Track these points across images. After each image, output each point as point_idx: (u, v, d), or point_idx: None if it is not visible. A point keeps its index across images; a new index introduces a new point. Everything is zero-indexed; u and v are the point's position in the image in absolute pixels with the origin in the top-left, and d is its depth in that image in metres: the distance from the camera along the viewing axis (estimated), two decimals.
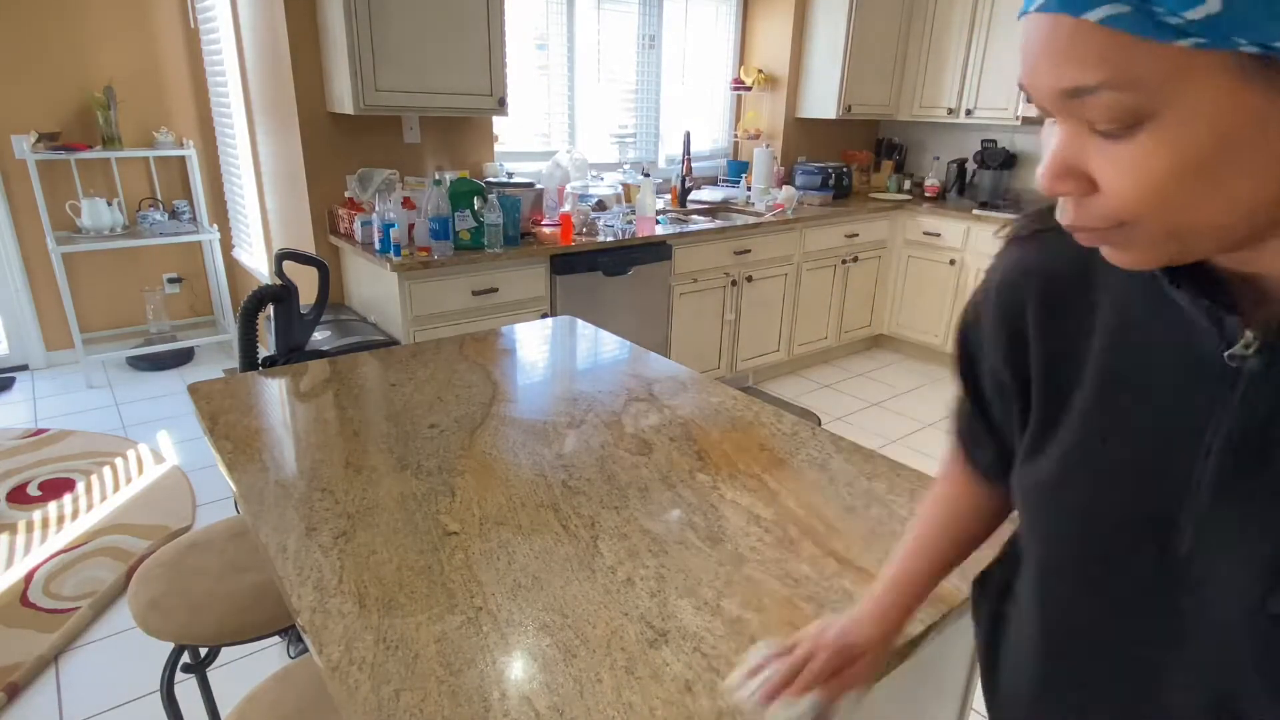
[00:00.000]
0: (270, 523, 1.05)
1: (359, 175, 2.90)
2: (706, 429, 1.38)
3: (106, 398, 3.61)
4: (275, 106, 3.04)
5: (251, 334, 1.98)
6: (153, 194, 4.02)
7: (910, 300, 4.39)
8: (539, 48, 3.61)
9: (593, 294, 3.11)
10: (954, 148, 4.65)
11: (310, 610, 0.87)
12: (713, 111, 4.50)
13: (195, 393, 1.49)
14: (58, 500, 2.66)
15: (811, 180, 4.23)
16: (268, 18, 2.89)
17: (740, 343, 3.79)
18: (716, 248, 3.48)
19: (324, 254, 3.04)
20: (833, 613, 0.89)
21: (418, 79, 2.72)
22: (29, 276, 3.78)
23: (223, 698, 1.85)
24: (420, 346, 1.79)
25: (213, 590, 1.28)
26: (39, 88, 3.58)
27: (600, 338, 1.91)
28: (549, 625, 0.86)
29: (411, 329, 2.68)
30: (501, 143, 3.49)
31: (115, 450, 3.06)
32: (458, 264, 2.69)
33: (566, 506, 1.11)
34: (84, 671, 1.94)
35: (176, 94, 3.95)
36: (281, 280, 2.04)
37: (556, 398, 1.51)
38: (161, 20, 3.82)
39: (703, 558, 1.00)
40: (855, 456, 1.30)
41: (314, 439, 1.30)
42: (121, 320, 4.11)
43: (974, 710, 1.19)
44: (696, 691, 0.77)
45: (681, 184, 3.98)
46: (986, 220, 3.95)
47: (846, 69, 4.12)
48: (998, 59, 4.01)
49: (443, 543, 1.01)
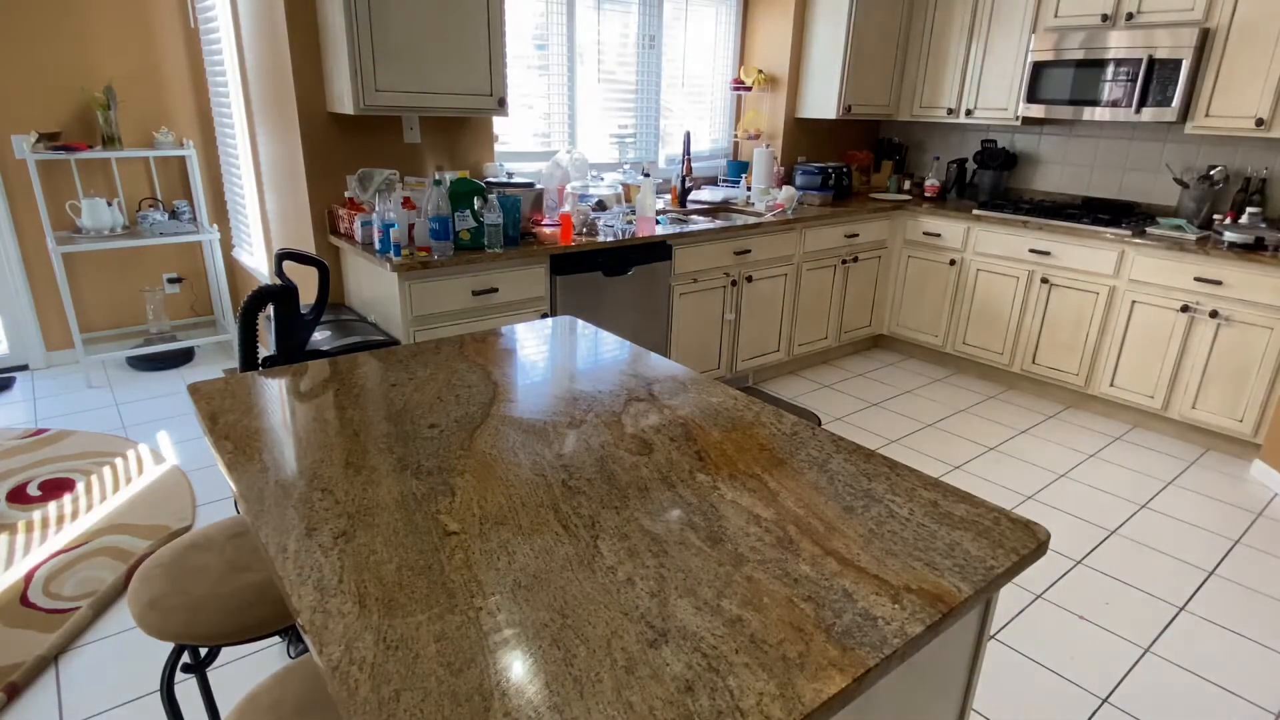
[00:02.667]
0: (270, 523, 1.05)
1: (359, 175, 2.90)
2: (706, 429, 1.38)
3: (106, 398, 3.61)
4: (275, 106, 3.04)
5: (251, 334, 1.98)
6: (153, 194, 4.02)
7: (910, 300, 4.39)
8: (538, 47, 3.61)
9: (593, 294, 3.11)
10: (954, 148, 4.65)
11: (310, 610, 0.87)
12: (713, 111, 4.50)
13: (195, 393, 1.48)
14: (58, 500, 2.66)
15: (811, 180, 4.23)
16: (268, 18, 2.88)
17: (740, 343, 3.79)
18: (716, 248, 3.48)
19: (324, 254, 3.04)
20: (831, 613, 0.89)
21: (418, 79, 2.72)
22: (29, 276, 3.78)
23: (223, 698, 1.85)
24: (420, 346, 1.79)
25: (213, 590, 1.28)
26: (39, 88, 3.58)
27: (600, 338, 1.91)
28: (549, 625, 0.86)
29: (411, 329, 2.68)
30: (501, 143, 3.49)
31: (115, 450, 3.06)
32: (458, 264, 2.69)
33: (566, 506, 1.11)
34: (84, 671, 1.94)
35: (176, 94, 3.95)
36: (281, 280, 2.04)
37: (556, 398, 1.51)
38: (161, 20, 3.82)
39: (703, 558, 0.99)
40: (855, 456, 1.30)
41: (314, 439, 1.30)
42: (121, 320, 4.11)
43: (974, 710, 1.19)
44: (696, 691, 0.77)
45: (681, 184, 3.98)
46: (986, 220, 3.95)
47: (846, 69, 4.12)
48: (998, 59, 4.02)
49: (443, 543, 1.01)
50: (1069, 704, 1.96)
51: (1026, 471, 3.20)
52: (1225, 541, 2.74)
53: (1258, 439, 3.25)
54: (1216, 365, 3.30)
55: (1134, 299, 3.50)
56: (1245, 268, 3.14)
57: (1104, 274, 3.58)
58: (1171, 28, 3.36)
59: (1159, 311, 3.43)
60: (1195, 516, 2.90)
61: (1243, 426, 3.27)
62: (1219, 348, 3.28)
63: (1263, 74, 3.18)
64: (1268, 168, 3.50)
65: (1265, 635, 2.25)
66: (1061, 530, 2.77)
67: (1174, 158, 3.79)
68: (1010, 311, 3.96)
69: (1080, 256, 3.64)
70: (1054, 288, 3.77)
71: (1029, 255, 3.82)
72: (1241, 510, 2.96)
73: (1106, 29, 3.58)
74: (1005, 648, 2.15)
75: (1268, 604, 2.40)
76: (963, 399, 3.95)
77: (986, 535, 1.07)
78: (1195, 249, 3.26)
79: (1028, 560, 1.03)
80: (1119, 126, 3.95)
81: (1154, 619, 2.31)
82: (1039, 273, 3.81)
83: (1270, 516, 2.92)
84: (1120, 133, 3.95)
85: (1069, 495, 3.02)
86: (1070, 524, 2.81)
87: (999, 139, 4.41)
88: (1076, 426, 3.68)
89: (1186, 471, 3.27)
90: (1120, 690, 2.01)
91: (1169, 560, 2.61)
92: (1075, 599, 2.38)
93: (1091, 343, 3.69)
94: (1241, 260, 3.15)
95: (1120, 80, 3.54)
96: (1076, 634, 2.22)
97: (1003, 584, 0.99)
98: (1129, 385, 3.60)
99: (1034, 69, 3.81)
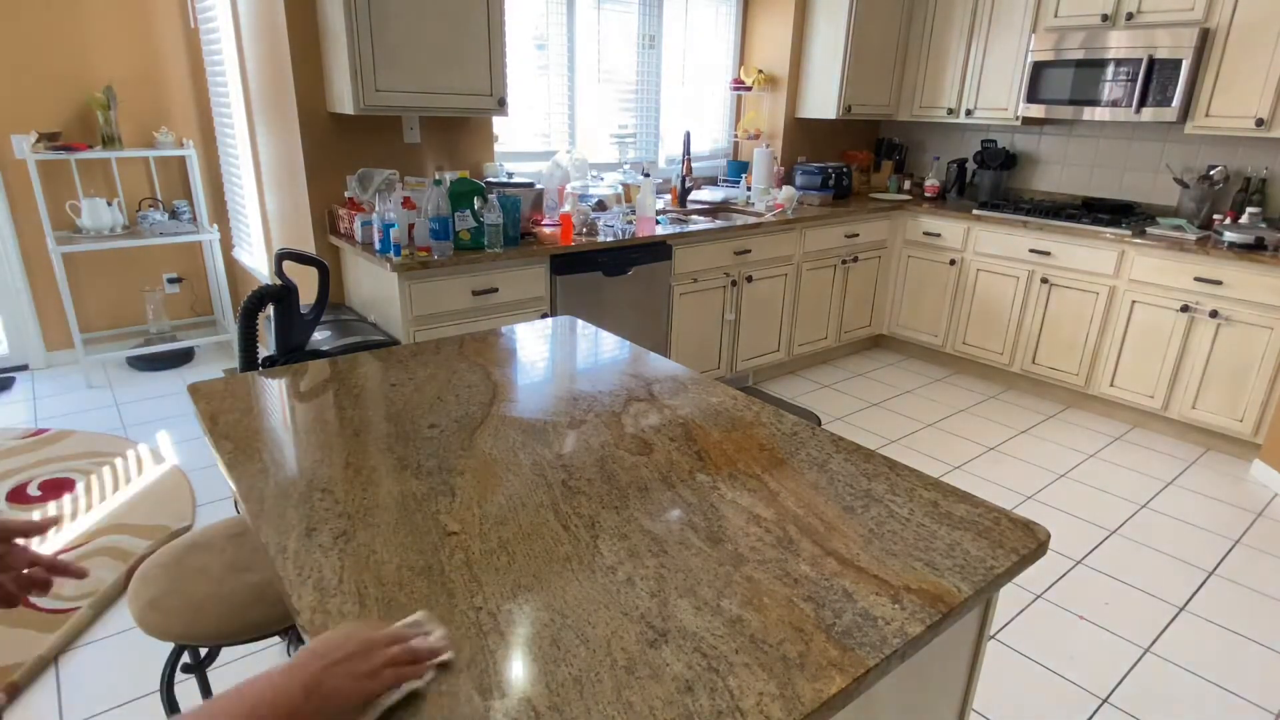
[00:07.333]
0: (270, 523, 1.04)
1: (359, 175, 2.90)
2: (706, 429, 1.38)
3: (106, 398, 3.61)
4: (275, 106, 3.04)
5: (251, 334, 1.98)
6: (153, 194, 4.02)
7: (910, 300, 4.39)
8: (539, 47, 3.61)
9: (593, 294, 3.11)
10: (954, 148, 4.65)
11: (310, 610, 0.87)
12: (713, 111, 4.50)
13: (195, 393, 1.48)
14: (58, 500, 2.66)
15: (811, 180, 4.23)
16: (268, 18, 2.88)
17: (740, 343, 3.79)
18: (716, 248, 3.48)
19: (324, 254, 3.04)
20: (831, 613, 0.89)
21: (418, 79, 2.72)
22: (29, 276, 3.78)
23: None
24: (420, 346, 1.79)
25: (213, 590, 1.28)
26: (39, 88, 3.58)
27: (600, 338, 1.91)
28: (549, 625, 0.86)
29: (411, 329, 2.68)
30: (501, 143, 3.49)
31: (115, 450, 3.06)
32: (458, 264, 2.69)
33: (566, 506, 1.11)
34: (84, 671, 1.94)
35: (176, 94, 3.95)
36: (281, 280, 2.04)
37: (556, 398, 1.51)
38: (161, 20, 3.82)
39: (703, 558, 0.99)
40: (855, 456, 1.30)
41: (314, 439, 1.30)
42: (121, 320, 4.11)
43: (974, 710, 1.19)
44: (696, 691, 0.77)
45: (681, 184, 3.98)
46: (986, 220, 3.95)
47: (846, 69, 4.12)
48: (998, 59, 4.02)
49: (443, 543, 1.01)
50: (1069, 704, 1.96)
51: (1026, 471, 3.20)
52: (1225, 541, 2.74)
53: (1258, 439, 3.25)
54: (1216, 365, 3.30)
55: (1134, 299, 3.50)
56: (1245, 268, 3.14)
57: (1104, 274, 3.58)
58: (1171, 28, 3.36)
59: (1159, 311, 3.43)
60: (1195, 516, 2.90)
61: (1243, 426, 3.27)
62: (1219, 348, 3.28)
63: (1263, 74, 3.18)
64: (1268, 168, 3.50)
65: (1265, 635, 2.25)
66: (1061, 530, 2.77)
67: (1174, 158, 3.79)
68: (1010, 311, 3.96)
69: (1080, 256, 3.64)
70: (1054, 288, 3.77)
71: (1029, 255, 3.82)
72: (1241, 510, 2.96)
73: (1106, 29, 3.58)
74: (1005, 648, 2.15)
75: (1268, 604, 2.40)
76: (962, 399, 3.95)
77: (986, 535, 1.07)
78: (1195, 249, 3.26)
79: (1028, 560, 1.03)
80: (1119, 126, 3.95)
81: (1154, 619, 2.31)
82: (1039, 273, 3.81)
83: (1270, 516, 2.92)
84: (1120, 133, 3.95)
85: (1069, 495, 3.02)
86: (1070, 524, 2.81)
87: (999, 139, 4.41)
88: (1076, 426, 3.68)
89: (1186, 471, 3.27)
90: (1120, 690, 2.01)
91: (1169, 560, 2.61)
92: (1075, 599, 2.38)
93: (1091, 343, 3.69)
94: (1241, 260, 3.15)
95: (1120, 80, 3.54)
96: (1076, 634, 2.22)
97: (1003, 584, 0.99)
98: (1129, 385, 3.60)
99: (1034, 69, 3.81)
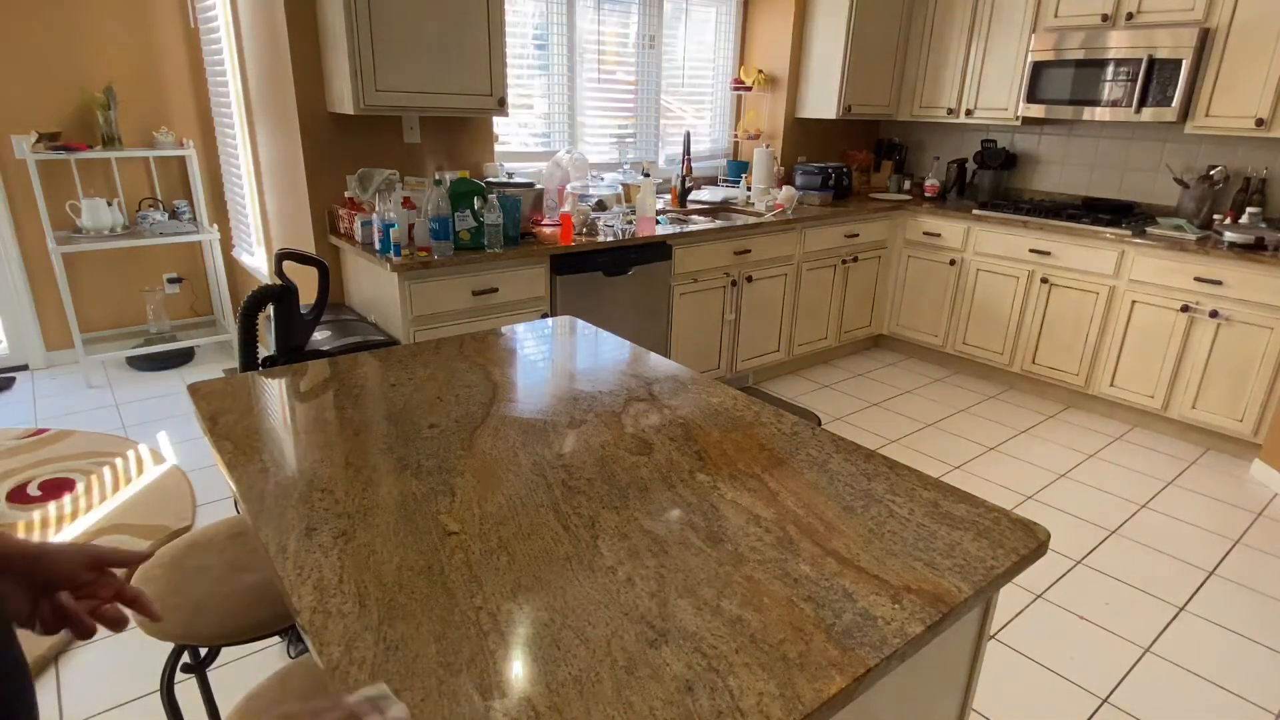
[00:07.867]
0: (270, 523, 1.04)
1: (359, 175, 2.90)
2: (706, 429, 1.38)
3: (106, 398, 3.61)
4: (275, 106, 3.04)
5: (251, 334, 1.98)
6: (153, 194, 4.02)
7: (910, 300, 4.39)
8: (539, 48, 3.61)
9: (593, 294, 3.11)
10: (954, 148, 4.65)
11: (310, 610, 0.87)
12: (713, 111, 4.50)
13: (195, 393, 1.48)
14: (58, 500, 2.66)
15: (811, 180, 4.23)
16: (268, 18, 2.88)
17: (740, 343, 3.79)
18: (716, 248, 3.48)
19: (324, 254, 3.04)
20: (831, 613, 0.89)
21: (418, 79, 2.72)
22: (29, 276, 3.78)
23: (223, 698, 1.85)
24: (420, 346, 1.79)
25: (213, 590, 1.28)
26: (39, 88, 3.58)
27: (600, 338, 1.91)
28: (549, 625, 0.86)
29: (411, 329, 2.68)
30: (501, 143, 3.49)
31: (115, 450, 3.06)
32: (458, 264, 2.69)
33: (566, 506, 1.11)
34: (84, 671, 1.94)
35: (176, 94, 3.95)
36: (281, 280, 2.04)
37: (556, 398, 1.51)
38: (161, 20, 3.82)
39: (703, 558, 0.99)
40: (855, 456, 1.30)
41: (314, 439, 1.30)
42: (121, 320, 4.11)
43: (974, 710, 1.19)
44: (696, 691, 0.77)
45: (681, 184, 3.98)
46: (986, 220, 3.95)
47: (846, 69, 4.12)
48: (998, 59, 4.02)
49: (443, 543, 1.01)
50: (1069, 704, 1.96)
51: (1026, 471, 3.20)
52: (1225, 541, 2.74)
53: (1258, 439, 3.25)
54: (1216, 365, 3.30)
55: (1134, 299, 3.50)
56: (1245, 268, 3.14)
57: (1104, 274, 3.58)
58: (1171, 28, 3.36)
59: (1159, 311, 3.43)
60: (1195, 516, 2.90)
61: (1243, 426, 3.27)
62: (1219, 348, 3.28)
63: (1263, 74, 3.18)
64: (1268, 168, 3.50)
65: (1265, 635, 2.25)
66: (1061, 530, 2.77)
67: (1174, 158, 3.79)
68: (1010, 311, 3.96)
69: (1080, 256, 3.64)
70: (1054, 288, 3.77)
71: (1029, 255, 3.82)
72: (1241, 510, 2.96)
73: (1106, 29, 3.58)
74: (1005, 648, 2.15)
75: (1268, 604, 2.40)
76: (962, 399, 3.95)
77: (986, 535, 1.07)
78: (1195, 249, 3.26)
79: (1028, 560, 1.03)
80: (1119, 126, 3.95)
81: (1154, 619, 2.30)
82: (1039, 273, 3.81)
83: (1270, 516, 2.92)
84: (1120, 133, 3.95)
85: (1069, 495, 3.02)
86: (1070, 524, 2.81)
87: (999, 139, 4.40)
88: (1076, 426, 3.68)
89: (1186, 471, 3.26)
90: (1120, 690, 2.01)
91: (1169, 560, 2.61)
92: (1075, 599, 2.38)
93: (1091, 343, 3.69)
94: (1241, 260, 3.15)
95: (1120, 80, 3.54)
96: (1076, 634, 2.22)
97: (1003, 584, 0.99)
98: (1129, 385, 3.60)
99: (1034, 69, 3.81)
